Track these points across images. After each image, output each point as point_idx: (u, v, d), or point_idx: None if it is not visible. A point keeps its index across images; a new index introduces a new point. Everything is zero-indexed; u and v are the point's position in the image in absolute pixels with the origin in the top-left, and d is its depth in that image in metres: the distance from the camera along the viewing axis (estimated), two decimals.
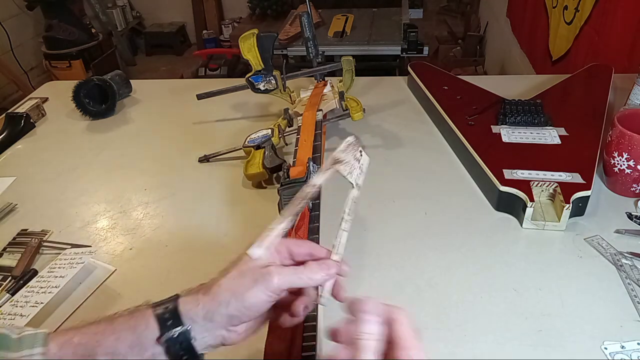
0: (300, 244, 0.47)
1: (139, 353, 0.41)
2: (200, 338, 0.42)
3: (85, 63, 3.33)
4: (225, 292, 0.43)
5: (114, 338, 0.41)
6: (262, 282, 0.42)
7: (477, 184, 0.87)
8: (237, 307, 0.42)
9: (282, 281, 0.43)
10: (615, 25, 1.40)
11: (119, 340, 0.41)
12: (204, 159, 0.99)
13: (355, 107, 0.95)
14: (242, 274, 0.43)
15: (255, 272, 0.43)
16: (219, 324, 0.43)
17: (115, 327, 0.42)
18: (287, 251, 0.47)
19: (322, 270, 0.45)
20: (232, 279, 0.43)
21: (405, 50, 2.47)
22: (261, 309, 0.43)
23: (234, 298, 0.42)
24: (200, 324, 0.42)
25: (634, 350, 0.57)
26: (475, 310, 0.64)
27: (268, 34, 1.02)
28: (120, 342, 0.41)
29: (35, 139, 1.14)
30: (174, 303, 0.43)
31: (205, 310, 0.42)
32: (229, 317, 0.43)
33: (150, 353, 0.41)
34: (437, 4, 4.30)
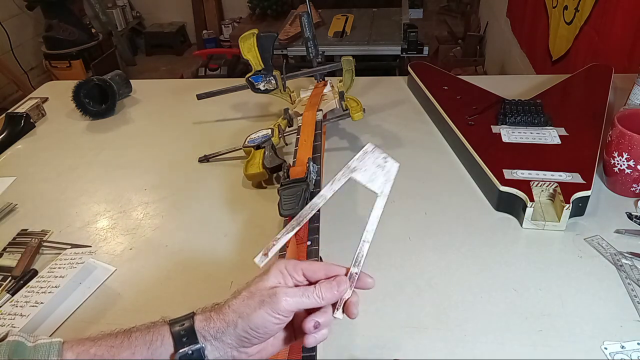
0: (313, 265, 0.47)
1: None
2: (212, 357, 0.43)
3: (85, 63, 3.33)
4: (232, 313, 0.43)
5: (129, 352, 0.42)
6: (269, 303, 0.43)
7: (477, 184, 0.87)
8: (243, 327, 0.43)
9: (289, 303, 0.43)
10: (615, 25, 1.40)
11: (134, 355, 0.42)
12: (204, 159, 0.99)
13: (355, 107, 0.95)
14: (251, 295, 0.44)
15: (262, 293, 0.44)
16: (228, 345, 0.44)
17: (131, 341, 0.43)
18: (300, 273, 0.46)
19: (332, 289, 0.45)
20: (241, 300, 0.44)
21: (405, 50, 2.47)
22: (269, 330, 0.44)
23: (240, 319, 0.43)
24: (212, 342, 0.43)
25: (634, 350, 0.57)
26: (475, 310, 0.64)
27: (268, 34, 1.02)
28: (136, 356, 0.42)
29: (35, 139, 1.14)
30: (190, 321, 0.44)
31: (215, 329, 0.43)
32: (237, 338, 0.43)
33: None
34: (437, 4, 4.30)
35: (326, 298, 0.45)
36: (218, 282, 0.70)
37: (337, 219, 0.80)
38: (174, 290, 0.71)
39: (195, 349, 0.42)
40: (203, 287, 0.70)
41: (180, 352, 0.42)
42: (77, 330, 0.65)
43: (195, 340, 0.43)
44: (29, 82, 3.27)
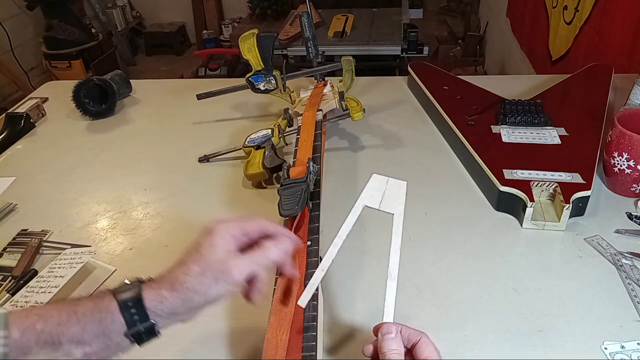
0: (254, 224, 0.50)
1: (104, 341, 0.43)
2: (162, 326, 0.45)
3: (85, 63, 3.32)
4: (189, 291, 0.45)
5: (79, 328, 0.42)
6: (223, 279, 0.45)
7: (477, 184, 0.87)
8: (199, 302, 0.45)
9: (241, 275, 0.46)
10: (615, 25, 1.40)
11: (84, 331, 0.42)
12: (204, 159, 0.99)
13: (355, 107, 0.95)
14: (203, 272, 0.45)
15: (214, 269, 0.45)
16: (181, 316, 0.46)
17: (79, 318, 0.43)
18: (242, 233, 0.49)
19: (277, 248, 0.49)
20: (195, 277, 0.45)
21: (405, 50, 2.47)
22: (222, 299, 0.46)
23: (197, 295, 0.45)
24: (165, 317, 0.45)
25: (634, 350, 0.57)
26: (475, 310, 0.64)
27: (268, 34, 1.02)
28: (86, 332, 0.42)
29: (35, 139, 1.14)
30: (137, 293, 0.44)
31: (170, 306, 0.45)
32: (192, 309, 0.46)
33: (115, 342, 0.44)
34: (437, 4, 4.30)
35: (272, 258, 0.48)
36: None
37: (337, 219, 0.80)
38: None
39: (147, 326, 0.44)
40: None
41: (133, 330, 0.43)
42: None
43: (147, 318, 0.44)
44: (29, 82, 3.27)
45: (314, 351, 0.49)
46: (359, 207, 0.51)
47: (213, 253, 0.46)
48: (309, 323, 0.51)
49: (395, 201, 0.51)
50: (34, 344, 0.41)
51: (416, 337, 0.46)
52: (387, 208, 0.51)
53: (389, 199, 0.51)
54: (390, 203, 0.51)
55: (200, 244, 0.47)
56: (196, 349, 0.61)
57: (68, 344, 0.42)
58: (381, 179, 0.53)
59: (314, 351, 0.49)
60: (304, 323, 0.52)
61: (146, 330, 0.44)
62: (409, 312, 0.64)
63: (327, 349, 0.59)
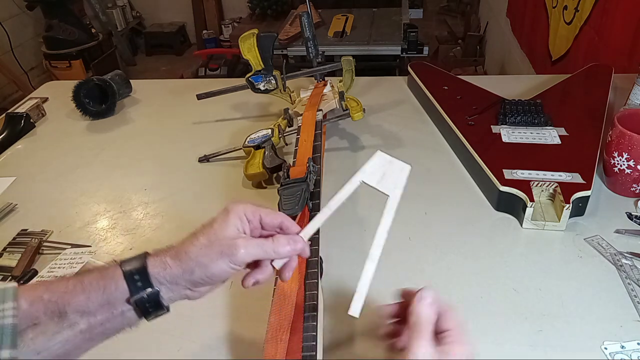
0: (272, 215, 0.49)
1: (109, 310, 0.43)
2: (167, 297, 0.45)
3: (85, 63, 3.32)
4: (191, 261, 0.44)
5: (84, 297, 0.43)
6: (228, 254, 0.44)
7: (477, 184, 0.87)
8: (200, 275, 0.45)
9: (247, 255, 0.45)
10: (615, 25, 1.40)
11: (89, 300, 0.43)
12: (204, 159, 0.99)
13: (355, 107, 0.95)
14: (210, 244, 0.45)
15: (222, 243, 0.45)
16: (183, 287, 0.45)
17: (84, 287, 0.43)
18: (259, 220, 0.48)
19: (289, 245, 0.47)
20: (200, 249, 0.45)
21: (405, 50, 2.47)
22: (225, 277, 0.46)
23: (198, 267, 0.44)
24: (167, 286, 0.45)
25: (634, 350, 0.57)
26: (475, 310, 0.64)
27: (268, 34, 1.02)
28: (91, 301, 0.43)
29: (35, 139, 1.14)
30: (142, 263, 0.44)
31: (172, 275, 0.44)
32: (193, 282, 0.45)
33: (120, 310, 0.44)
34: (437, 4, 4.30)
35: (280, 253, 0.47)
36: None
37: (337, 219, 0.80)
38: None
39: (150, 292, 0.44)
40: None
41: (135, 297, 0.43)
42: None
43: (150, 285, 0.44)
44: (29, 82, 3.27)
45: (314, 351, 0.49)
46: (356, 181, 0.49)
47: (224, 229, 0.46)
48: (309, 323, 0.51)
49: (394, 183, 0.49)
50: (42, 314, 0.42)
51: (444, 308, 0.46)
52: (385, 189, 0.49)
53: (389, 180, 0.49)
54: (389, 184, 0.49)
55: (215, 219, 0.47)
56: (196, 349, 0.61)
57: (73, 313, 0.42)
58: (385, 157, 0.50)
59: (314, 351, 0.49)
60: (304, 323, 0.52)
61: (150, 298, 0.44)
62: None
63: (327, 349, 0.59)
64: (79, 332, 0.42)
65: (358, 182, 0.49)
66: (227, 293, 0.68)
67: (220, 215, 0.47)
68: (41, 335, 0.41)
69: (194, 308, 0.67)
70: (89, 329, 0.43)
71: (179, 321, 0.65)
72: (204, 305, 0.67)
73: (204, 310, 0.66)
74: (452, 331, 0.45)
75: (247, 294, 0.68)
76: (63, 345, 0.42)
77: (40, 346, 0.41)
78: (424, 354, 0.42)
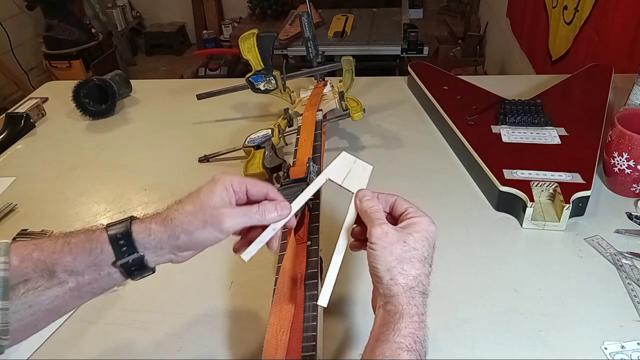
0: (258, 185, 0.50)
1: (96, 271, 0.45)
2: (152, 260, 0.47)
3: (85, 63, 3.32)
4: (176, 227, 0.46)
5: (71, 258, 0.44)
6: (212, 224, 0.46)
7: (477, 184, 0.87)
8: (185, 241, 0.46)
9: (232, 224, 0.46)
10: (615, 25, 1.40)
11: (76, 260, 0.44)
12: (204, 159, 0.99)
13: (355, 107, 0.94)
14: (195, 212, 0.46)
15: (207, 212, 0.46)
16: (167, 251, 0.47)
17: (71, 248, 0.45)
18: (245, 191, 0.50)
19: (276, 210, 0.49)
20: (185, 216, 0.46)
21: (405, 50, 2.47)
22: (208, 244, 0.48)
23: (183, 233, 0.46)
24: (152, 250, 0.46)
25: (634, 350, 0.57)
26: (475, 310, 0.64)
27: (268, 34, 1.02)
28: (78, 262, 0.44)
29: (35, 139, 1.14)
30: (127, 228, 0.46)
31: (157, 240, 0.46)
32: (177, 247, 0.47)
33: (106, 272, 0.46)
34: (437, 4, 4.30)
35: (267, 218, 0.49)
36: (218, 282, 0.70)
37: (337, 219, 0.80)
38: (173, 290, 0.70)
39: (135, 257, 0.45)
40: (202, 287, 0.70)
41: (121, 261, 0.45)
42: (77, 330, 0.65)
43: (135, 250, 0.45)
44: (29, 82, 3.27)
45: (314, 351, 0.49)
46: (323, 178, 0.53)
47: (210, 198, 0.47)
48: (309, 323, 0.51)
49: (358, 182, 0.53)
50: (31, 271, 0.44)
51: (392, 198, 0.51)
52: (349, 186, 0.53)
53: (353, 178, 0.53)
54: (354, 182, 0.53)
55: (201, 188, 0.48)
56: (196, 349, 0.61)
57: (62, 272, 0.44)
58: (350, 158, 0.55)
59: (314, 351, 0.49)
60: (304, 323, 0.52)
61: (135, 262, 0.45)
62: None
63: (327, 349, 0.59)
64: (68, 290, 0.44)
65: (324, 180, 0.53)
66: (227, 293, 0.68)
67: (207, 184, 0.48)
68: (32, 290, 0.43)
69: (194, 308, 0.67)
70: (78, 288, 0.45)
71: (179, 321, 0.65)
72: (204, 305, 0.67)
73: (204, 310, 0.66)
74: (407, 210, 0.50)
75: (247, 294, 0.68)
76: (53, 301, 0.44)
77: (31, 300, 0.43)
78: (383, 232, 0.46)
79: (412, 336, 0.42)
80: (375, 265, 0.46)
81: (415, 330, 0.43)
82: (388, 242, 0.46)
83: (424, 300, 0.45)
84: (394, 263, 0.45)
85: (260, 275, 0.70)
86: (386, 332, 0.43)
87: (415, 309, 0.44)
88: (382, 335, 0.43)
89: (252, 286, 0.69)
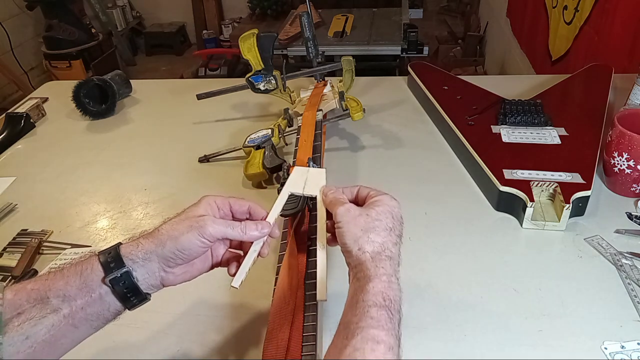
0: (240, 202, 0.54)
1: (87, 293, 0.45)
2: (142, 279, 0.48)
3: (85, 63, 3.32)
4: (161, 235, 0.48)
5: (63, 282, 0.45)
6: (197, 228, 0.48)
7: (477, 184, 0.87)
8: (171, 248, 0.48)
9: (214, 230, 0.49)
10: (615, 25, 1.40)
11: (67, 284, 0.45)
12: (204, 159, 0.99)
13: (355, 107, 0.95)
14: (180, 221, 0.49)
15: (192, 219, 0.49)
16: (156, 264, 0.48)
17: (64, 273, 0.46)
18: (229, 208, 0.53)
19: (257, 230, 0.52)
20: (172, 225, 0.49)
21: (405, 50, 2.47)
22: (194, 252, 0.49)
23: (169, 240, 0.48)
24: (140, 264, 0.47)
25: (634, 350, 0.57)
26: (475, 310, 0.64)
27: (268, 34, 1.02)
28: (69, 285, 0.45)
29: (35, 139, 1.14)
30: (116, 249, 0.48)
31: (144, 251, 0.48)
32: (165, 258, 0.48)
33: (97, 293, 0.46)
34: (437, 4, 4.30)
35: (248, 234, 0.51)
36: (217, 282, 0.70)
37: None
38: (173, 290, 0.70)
39: (123, 272, 0.46)
40: (202, 287, 0.70)
41: (109, 276, 0.46)
42: None
43: (122, 265, 0.46)
44: (29, 82, 3.27)
45: (314, 351, 0.49)
46: (285, 194, 0.57)
47: (195, 210, 0.50)
48: (309, 323, 0.52)
49: (316, 186, 0.57)
50: (25, 302, 0.44)
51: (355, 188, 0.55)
52: (310, 192, 0.57)
53: (311, 184, 0.58)
54: (313, 187, 0.57)
55: (187, 207, 0.52)
56: (196, 349, 0.61)
57: (54, 298, 0.44)
58: (302, 169, 0.60)
59: (314, 351, 0.49)
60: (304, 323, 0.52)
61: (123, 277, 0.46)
62: (409, 312, 0.64)
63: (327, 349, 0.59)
64: (63, 317, 0.44)
65: (286, 195, 0.57)
66: (227, 293, 0.68)
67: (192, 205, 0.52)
68: (27, 321, 0.43)
69: (194, 308, 0.67)
70: (71, 314, 0.45)
71: (179, 321, 0.65)
72: (204, 305, 0.67)
73: (204, 310, 0.66)
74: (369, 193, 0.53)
75: (247, 294, 0.68)
76: (49, 331, 0.44)
77: (27, 331, 0.43)
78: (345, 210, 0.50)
79: (380, 294, 0.44)
80: (344, 241, 0.49)
81: (383, 289, 0.44)
82: (351, 216, 0.49)
83: (392, 264, 0.47)
84: (360, 233, 0.48)
85: (260, 275, 0.70)
86: (356, 297, 0.44)
87: (383, 270, 0.46)
88: (353, 300, 0.45)
89: (252, 286, 0.69)
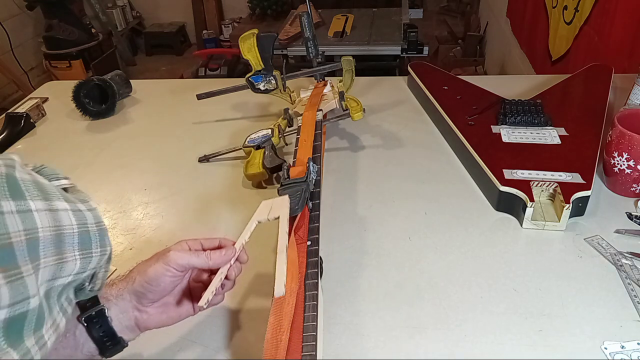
0: (212, 240, 0.56)
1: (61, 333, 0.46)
2: (116, 318, 0.50)
3: (85, 63, 3.33)
4: (133, 272, 0.52)
5: None
6: (163, 258, 0.51)
7: (477, 184, 0.87)
8: (140, 282, 0.50)
9: (179, 257, 0.51)
10: (615, 25, 1.40)
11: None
12: (204, 159, 0.99)
13: (355, 107, 0.94)
14: (150, 258, 0.52)
15: (159, 254, 0.52)
16: (128, 302, 0.51)
17: None
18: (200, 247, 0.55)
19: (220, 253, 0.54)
20: (141, 263, 0.52)
21: (405, 50, 2.47)
22: (162, 283, 0.51)
23: (138, 275, 0.51)
24: (113, 302, 0.50)
25: (634, 350, 0.57)
26: (475, 310, 0.64)
27: (268, 34, 1.02)
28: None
29: (35, 139, 1.14)
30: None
31: (117, 289, 0.51)
32: (135, 293, 0.51)
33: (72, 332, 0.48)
34: (437, 4, 4.30)
35: (214, 259, 0.53)
36: None
37: (337, 219, 0.80)
38: None
39: (98, 309, 0.49)
40: None
41: (84, 314, 0.48)
42: None
43: (97, 301, 0.49)
44: (29, 82, 3.27)
45: (314, 351, 0.49)
46: (253, 223, 0.59)
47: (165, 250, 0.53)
48: (309, 323, 0.51)
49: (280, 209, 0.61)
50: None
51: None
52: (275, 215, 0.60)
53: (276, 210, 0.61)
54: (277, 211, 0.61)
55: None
56: (196, 349, 0.61)
57: None
58: (267, 202, 0.63)
59: (314, 351, 0.49)
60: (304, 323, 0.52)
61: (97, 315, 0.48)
62: (409, 312, 0.64)
63: (327, 349, 0.59)
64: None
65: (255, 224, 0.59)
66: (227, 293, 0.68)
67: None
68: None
69: None
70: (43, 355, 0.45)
71: None
72: None
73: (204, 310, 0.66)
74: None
75: (247, 293, 0.68)
76: None
77: None
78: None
79: None
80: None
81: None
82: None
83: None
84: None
85: (260, 275, 0.70)
86: None
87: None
88: None
89: (252, 286, 0.69)
